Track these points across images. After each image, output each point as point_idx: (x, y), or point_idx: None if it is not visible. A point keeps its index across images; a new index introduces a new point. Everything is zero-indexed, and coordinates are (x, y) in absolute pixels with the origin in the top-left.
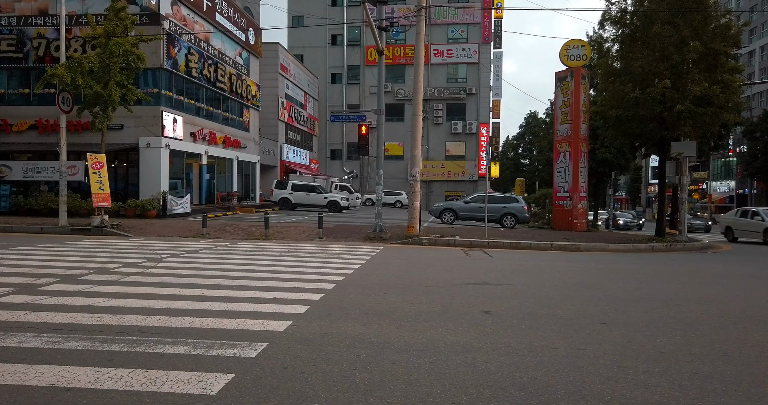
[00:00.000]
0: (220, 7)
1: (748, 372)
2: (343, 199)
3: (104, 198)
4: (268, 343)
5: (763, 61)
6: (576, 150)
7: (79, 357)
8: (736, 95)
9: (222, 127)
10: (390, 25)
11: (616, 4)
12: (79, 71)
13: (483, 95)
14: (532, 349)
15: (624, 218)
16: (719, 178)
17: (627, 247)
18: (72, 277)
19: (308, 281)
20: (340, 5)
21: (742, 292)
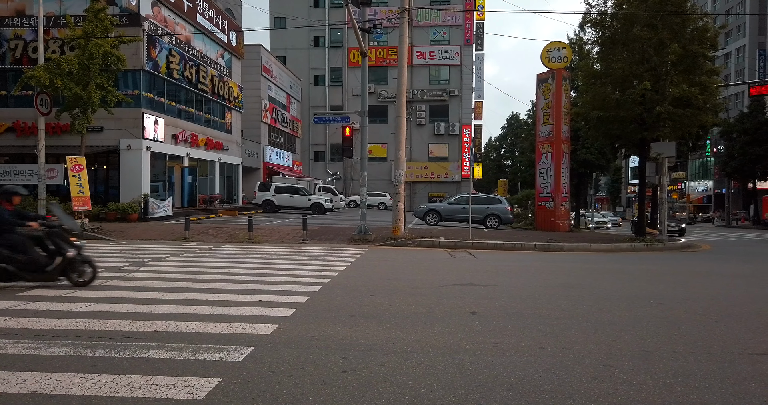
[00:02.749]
0: (202, 9)
1: (731, 369)
2: (327, 201)
3: (84, 201)
4: (255, 346)
5: (739, 63)
6: (558, 151)
7: (62, 363)
8: (713, 97)
9: (204, 129)
10: (373, 26)
11: (596, 7)
12: (58, 73)
13: (465, 97)
14: (519, 349)
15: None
16: (697, 178)
17: (609, 247)
18: (52, 282)
19: (294, 284)
20: (323, 7)
21: (723, 291)
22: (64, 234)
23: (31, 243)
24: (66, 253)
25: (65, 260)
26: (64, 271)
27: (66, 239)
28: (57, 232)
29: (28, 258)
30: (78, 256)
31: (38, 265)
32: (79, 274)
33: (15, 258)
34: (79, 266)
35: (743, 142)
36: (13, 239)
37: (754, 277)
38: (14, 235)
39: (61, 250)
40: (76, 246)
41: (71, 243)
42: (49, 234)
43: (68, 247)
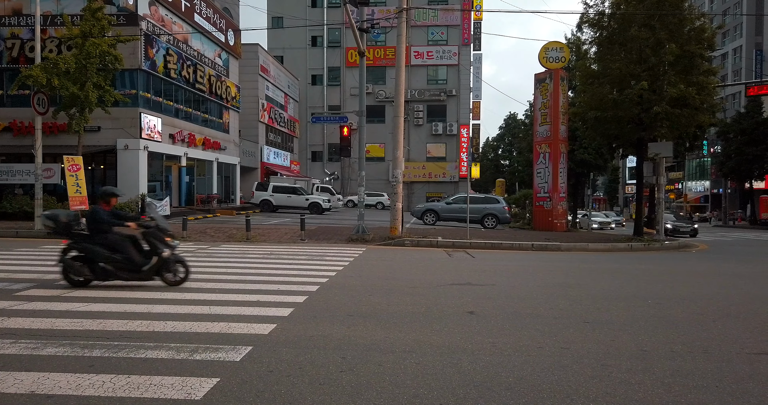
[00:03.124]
0: (199, 8)
1: (728, 369)
2: (324, 201)
3: (81, 201)
4: (253, 346)
5: (736, 64)
6: (555, 151)
7: (60, 363)
8: (711, 97)
9: (201, 128)
10: (371, 26)
11: (594, 7)
12: (55, 72)
13: (463, 97)
14: (517, 349)
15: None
16: (694, 178)
17: (606, 246)
18: (50, 282)
19: (292, 284)
20: (320, 6)
21: (721, 291)
22: (159, 234)
23: (128, 243)
24: (161, 253)
25: (160, 260)
26: (158, 271)
27: (161, 239)
28: (152, 232)
29: (125, 258)
30: (172, 256)
31: (135, 264)
32: (172, 274)
33: (113, 257)
34: (172, 266)
35: (740, 142)
36: (112, 239)
37: (751, 276)
38: (112, 235)
39: (157, 250)
40: (170, 246)
41: (166, 243)
42: (144, 234)
43: (163, 247)
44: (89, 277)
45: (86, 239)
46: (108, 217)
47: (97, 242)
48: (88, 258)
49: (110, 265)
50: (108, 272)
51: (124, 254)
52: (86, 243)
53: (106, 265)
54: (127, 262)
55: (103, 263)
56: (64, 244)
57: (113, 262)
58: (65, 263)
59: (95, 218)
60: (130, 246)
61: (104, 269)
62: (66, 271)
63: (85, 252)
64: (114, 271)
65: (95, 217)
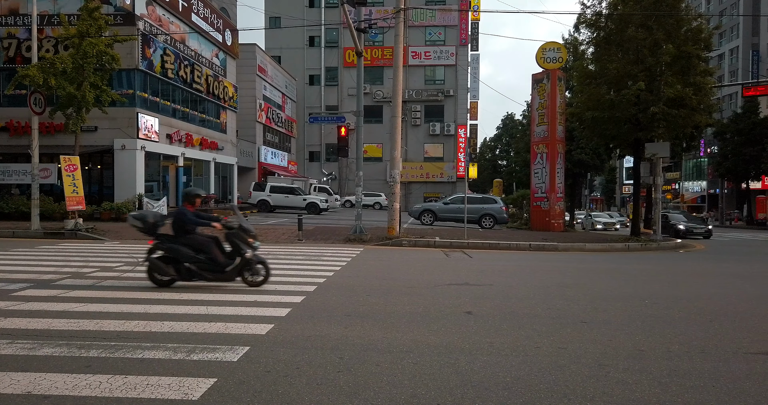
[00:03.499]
0: (196, 8)
1: (725, 368)
2: (322, 201)
3: (78, 201)
4: (250, 346)
5: (733, 64)
6: (553, 151)
7: (56, 363)
8: (707, 97)
9: (199, 128)
10: (368, 26)
11: (591, 8)
12: (52, 72)
13: (460, 97)
14: (514, 349)
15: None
16: (691, 178)
17: (604, 246)
18: (46, 282)
19: (289, 284)
20: (318, 7)
21: (718, 291)
22: (242, 235)
23: (213, 244)
24: (245, 254)
25: (243, 261)
26: (240, 271)
27: (244, 240)
28: (236, 233)
29: (209, 258)
30: (254, 257)
31: (219, 265)
32: (254, 275)
33: (197, 258)
34: (254, 267)
35: (737, 142)
36: (197, 240)
37: (748, 276)
38: (198, 236)
39: (240, 251)
40: (252, 247)
41: (249, 244)
42: (228, 235)
43: (246, 248)
44: (174, 277)
45: (171, 240)
46: (194, 217)
47: (182, 243)
48: (172, 258)
49: (195, 265)
50: (192, 272)
51: (208, 255)
52: (172, 243)
53: (191, 266)
54: (211, 262)
55: (188, 263)
56: (150, 244)
57: (197, 262)
58: (151, 263)
59: (182, 219)
60: (214, 247)
61: (189, 269)
62: (151, 270)
63: (171, 252)
64: (198, 271)
65: (182, 217)
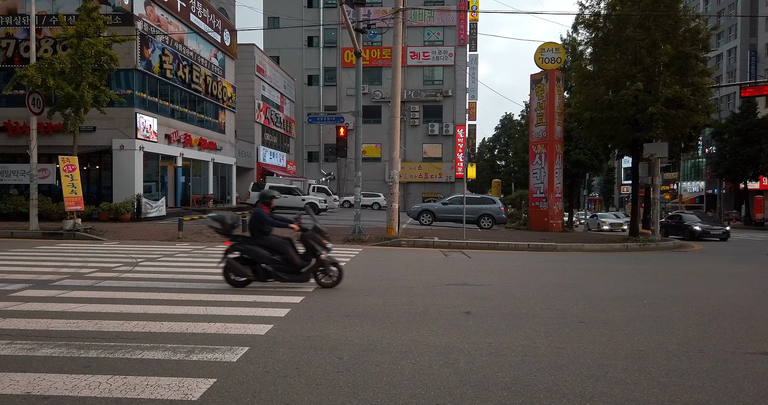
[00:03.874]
0: (195, 8)
1: (724, 368)
2: (320, 201)
3: (77, 201)
4: (250, 347)
5: (731, 65)
6: (551, 151)
7: (55, 364)
8: (705, 98)
9: (197, 128)
10: (367, 26)
11: (589, 8)
12: (50, 72)
13: (459, 97)
14: (513, 349)
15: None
16: (689, 178)
17: (602, 247)
18: (45, 283)
19: (289, 284)
20: (316, 7)
21: (716, 291)
22: (317, 236)
23: (289, 245)
24: (320, 255)
25: (318, 261)
26: (314, 272)
27: (319, 241)
28: (311, 234)
29: (285, 259)
30: (328, 258)
31: (295, 266)
32: (328, 276)
33: (273, 259)
34: (328, 268)
35: (735, 142)
36: (274, 241)
37: (746, 276)
38: (274, 237)
39: (315, 252)
40: (327, 248)
41: (323, 245)
42: (303, 236)
43: (321, 249)
44: (251, 277)
45: (247, 241)
46: (270, 219)
47: (259, 244)
48: (249, 259)
49: (271, 266)
50: (269, 273)
51: (284, 256)
52: (248, 244)
53: (267, 266)
54: (287, 263)
55: (265, 264)
56: (227, 245)
57: (274, 263)
58: (229, 263)
59: (259, 220)
60: (290, 247)
61: (265, 270)
62: (227, 270)
63: (248, 253)
64: (274, 272)
65: (259, 219)
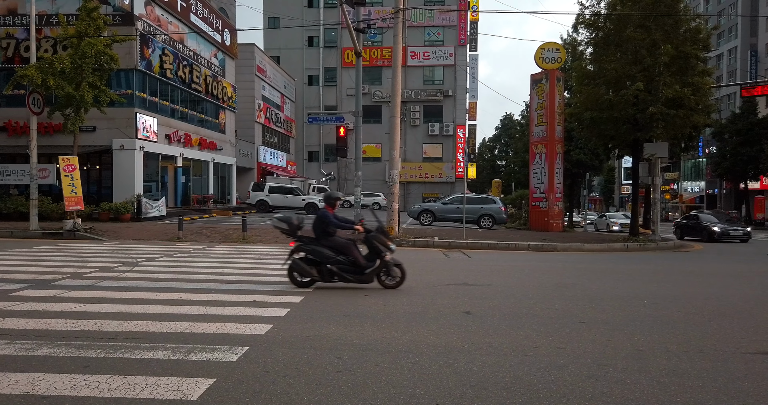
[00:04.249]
0: (195, 8)
1: (724, 368)
2: (321, 202)
3: (77, 201)
4: (249, 346)
5: (731, 65)
6: (551, 151)
7: (55, 364)
8: (706, 97)
9: (197, 128)
10: (367, 26)
11: (590, 8)
12: (50, 72)
13: (459, 97)
14: (513, 349)
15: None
16: (689, 178)
17: (602, 246)
18: (45, 283)
19: (288, 284)
20: (317, 7)
21: (715, 290)
22: (381, 237)
23: (354, 246)
24: (384, 256)
25: (382, 262)
26: (377, 273)
27: (383, 242)
28: (375, 235)
29: (350, 260)
30: (391, 259)
31: (360, 266)
32: (391, 277)
33: (338, 259)
34: (391, 269)
35: (735, 142)
36: (339, 242)
37: (746, 276)
38: (339, 238)
39: (380, 253)
40: (390, 249)
41: (387, 246)
42: (367, 237)
43: (385, 250)
44: (316, 278)
45: (312, 242)
46: (336, 220)
47: (324, 244)
48: (312, 260)
49: (335, 266)
50: (333, 274)
51: (349, 256)
52: (314, 245)
53: (332, 267)
54: (351, 264)
55: (330, 265)
56: (292, 246)
57: (338, 264)
58: (294, 263)
59: (325, 221)
60: (355, 249)
61: (330, 270)
62: (292, 270)
63: (313, 254)
64: (339, 272)
65: (325, 220)
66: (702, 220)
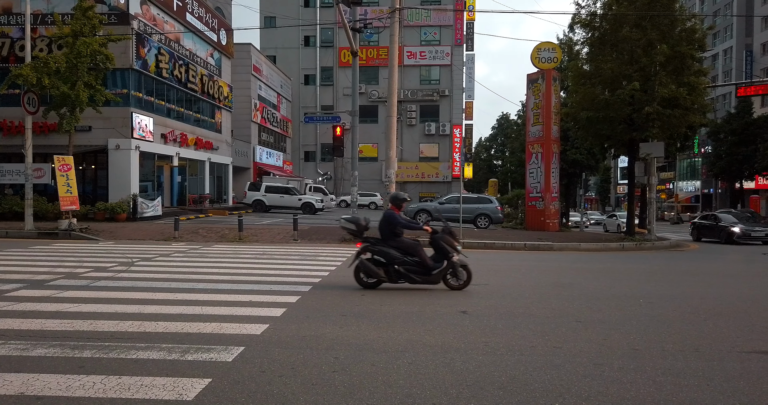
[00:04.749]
0: (191, 7)
1: (719, 367)
2: (317, 201)
3: (72, 201)
4: (245, 346)
5: (726, 64)
6: (548, 151)
7: (49, 364)
8: (701, 97)
9: (194, 128)
10: (364, 26)
11: (586, 8)
12: (45, 71)
13: (456, 97)
14: (510, 348)
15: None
16: (685, 178)
17: (598, 246)
18: (40, 283)
19: (284, 284)
20: (313, 6)
21: (711, 290)
22: (448, 238)
23: (421, 246)
24: (451, 257)
25: (449, 263)
26: (444, 274)
27: (451, 243)
28: (442, 236)
29: (417, 261)
30: (458, 261)
31: (427, 268)
32: (457, 278)
33: (405, 260)
34: (458, 270)
35: (730, 142)
36: (406, 243)
37: (741, 276)
38: (406, 239)
39: (447, 254)
40: (457, 250)
41: (454, 247)
42: (434, 238)
43: (452, 251)
44: (383, 278)
45: (379, 243)
46: (404, 221)
47: (391, 245)
48: (379, 261)
49: (403, 267)
50: (401, 274)
51: (417, 257)
52: (381, 246)
53: (400, 268)
54: (419, 265)
55: (397, 266)
56: (359, 247)
57: (406, 264)
58: (362, 264)
59: (393, 222)
60: (422, 249)
61: (398, 271)
62: (358, 271)
63: (381, 255)
64: (406, 273)
65: (393, 221)
66: (721, 220)
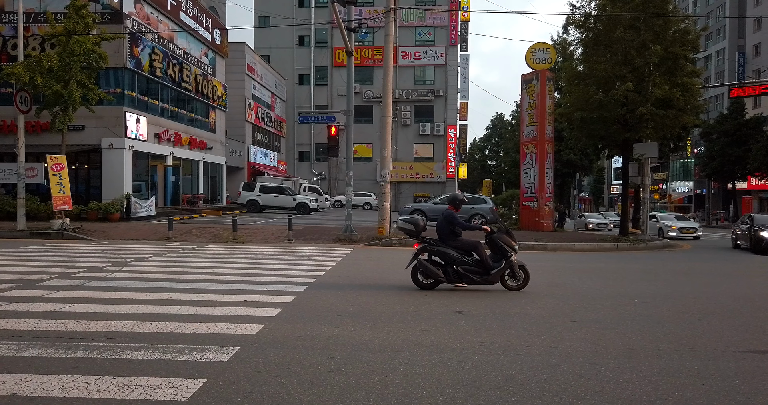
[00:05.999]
0: (185, 6)
1: (714, 366)
2: (312, 201)
3: (65, 201)
4: (240, 346)
5: (719, 66)
6: (542, 151)
7: (43, 364)
8: (694, 98)
9: (187, 128)
10: (358, 26)
11: (580, 9)
12: (38, 70)
13: (450, 97)
14: (505, 348)
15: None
16: (678, 178)
17: (592, 246)
18: (32, 283)
19: (279, 284)
20: (308, 6)
21: (705, 289)
22: (506, 238)
23: (481, 246)
24: (510, 257)
25: (508, 263)
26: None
27: (509, 243)
28: (500, 235)
29: (476, 261)
30: (516, 260)
31: (486, 267)
32: (514, 278)
33: (464, 260)
34: (516, 270)
35: (723, 143)
36: (466, 242)
37: (735, 275)
38: (466, 239)
39: (505, 254)
40: (515, 249)
41: (513, 247)
42: (492, 238)
43: (510, 251)
44: (442, 279)
45: (436, 243)
46: (462, 221)
47: (450, 245)
48: (437, 261)
49: (461, 267)
50: (459, 275)
51: (477, 257)
52: (440, 246)
53: (458, 268)
54: (478, 264)
55: (456, 266)
56: (416, 248)
57: (464, 264)
58: (421, 264)
59: (452, 222)
60: (483, 249)
61: (456, 272)
62: (416, 271)
63: (439, 255)
64: (465, 273)
65: (452, 221)
66: (757, 222)
